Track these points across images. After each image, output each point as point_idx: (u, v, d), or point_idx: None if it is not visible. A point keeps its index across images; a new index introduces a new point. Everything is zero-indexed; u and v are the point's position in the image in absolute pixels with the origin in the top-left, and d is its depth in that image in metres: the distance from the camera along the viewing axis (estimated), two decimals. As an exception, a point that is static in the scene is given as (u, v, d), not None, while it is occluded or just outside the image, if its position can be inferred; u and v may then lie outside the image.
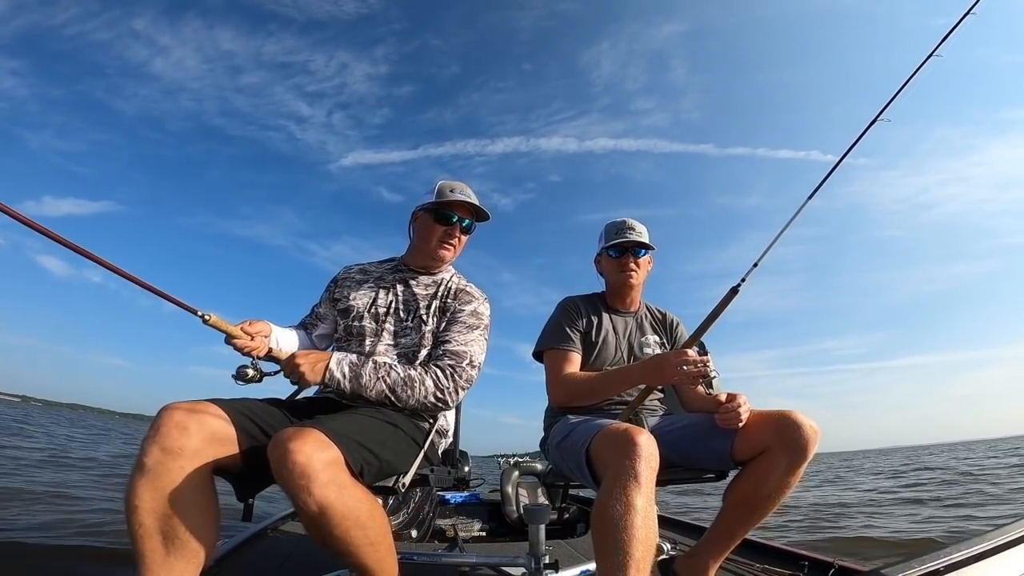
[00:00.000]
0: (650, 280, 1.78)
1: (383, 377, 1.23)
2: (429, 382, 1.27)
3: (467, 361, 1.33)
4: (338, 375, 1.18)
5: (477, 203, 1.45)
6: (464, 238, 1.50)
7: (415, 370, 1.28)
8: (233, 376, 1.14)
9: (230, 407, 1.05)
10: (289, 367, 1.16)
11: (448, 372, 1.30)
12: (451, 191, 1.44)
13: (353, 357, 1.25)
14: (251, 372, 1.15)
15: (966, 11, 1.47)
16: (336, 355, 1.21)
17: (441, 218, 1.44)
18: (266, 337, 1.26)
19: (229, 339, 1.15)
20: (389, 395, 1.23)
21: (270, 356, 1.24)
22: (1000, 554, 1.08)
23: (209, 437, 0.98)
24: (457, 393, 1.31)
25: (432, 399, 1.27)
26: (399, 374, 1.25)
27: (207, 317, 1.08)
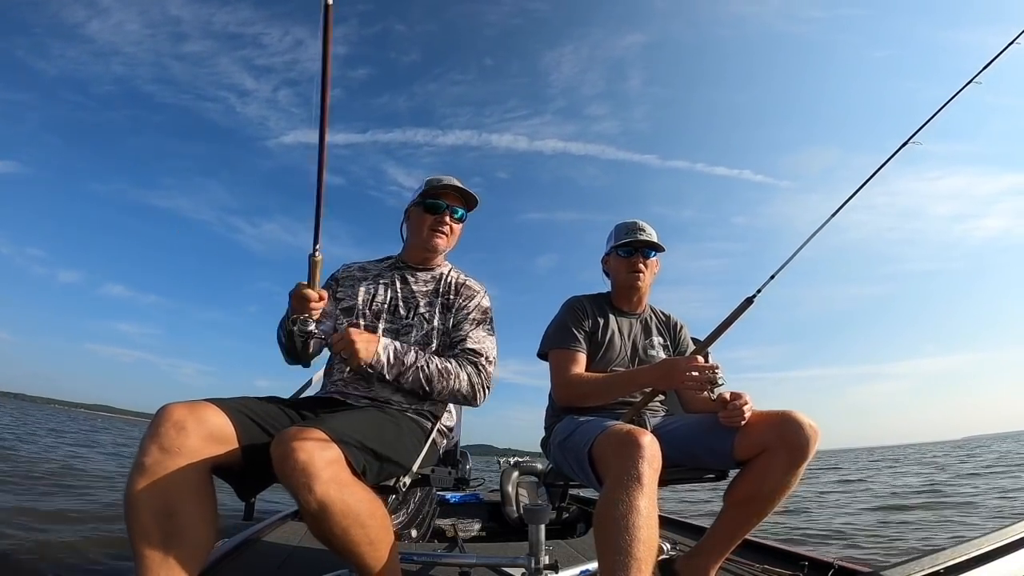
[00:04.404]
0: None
1: (423, 366, 1.26)
2: (464, 375, 1.31)
3: (485, 358, 1.37)
4: (384, 358, 1.21)
5: (463, 187, 1.47)
6: (457, 227, 1.52)
7: (451, 362, 1.32)
8: (291, 320, 1.14)
9: (229, 406, 1.05)
10: (343, 342, 1.14)
11: (478, 369, 1.34)
12: (438, 182, 1.48)
13: (398, 344, 1.28)
14: (310, 327, 1.12)
15: (1012, 39, 1.50)
16: (384, 339, 1.24)
17: (430, 208, 1.47)
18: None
19: (305, 287, 1.10)
20: (425, 385, 1.26)
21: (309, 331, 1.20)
22: (1002, 557, 1.08)
23: (207, 436, 0.97)
24: (486, 391, 1.35)
25: (466, 389, 1.31)
26: (437, 364, 1.28)
27: (318, 255, 1.06)
